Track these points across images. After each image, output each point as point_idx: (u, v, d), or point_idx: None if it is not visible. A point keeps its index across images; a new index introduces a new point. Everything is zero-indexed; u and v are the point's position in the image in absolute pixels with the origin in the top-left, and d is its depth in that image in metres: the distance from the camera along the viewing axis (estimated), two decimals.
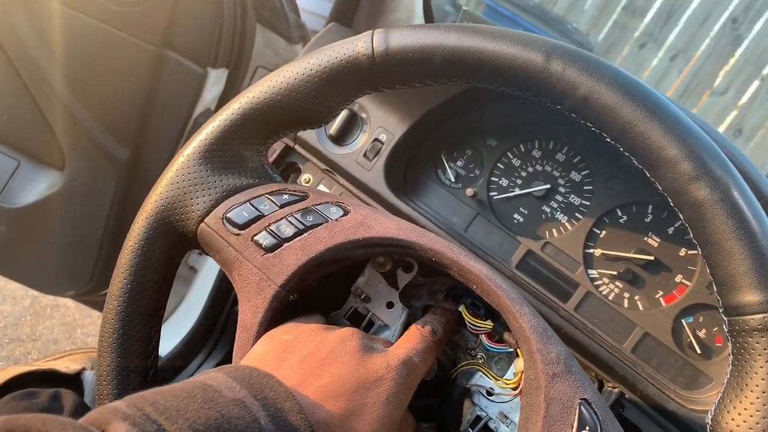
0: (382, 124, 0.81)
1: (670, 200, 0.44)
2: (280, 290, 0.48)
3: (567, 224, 0.81)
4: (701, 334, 0.74)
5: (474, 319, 0.53)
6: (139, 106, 1.13)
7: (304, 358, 0.44)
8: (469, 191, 0.83)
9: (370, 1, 0.92)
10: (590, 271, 0.79)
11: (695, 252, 0.75)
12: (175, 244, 0.53)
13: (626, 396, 0.71)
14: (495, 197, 0.84)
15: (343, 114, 0.81)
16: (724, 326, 0.42)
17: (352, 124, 0.82)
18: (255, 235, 0.50)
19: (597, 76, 0.45)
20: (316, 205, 0.51)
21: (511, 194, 0.83)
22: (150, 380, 0.53)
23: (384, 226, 0.50)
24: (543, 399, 0.44)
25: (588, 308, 0.79)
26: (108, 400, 0.50)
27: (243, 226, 0.50)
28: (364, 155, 0.81)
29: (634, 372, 0.71)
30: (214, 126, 0.52)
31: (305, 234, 0.49)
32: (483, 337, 0.54)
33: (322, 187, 0.84)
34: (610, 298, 0.78)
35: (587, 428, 0.43)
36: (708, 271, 0.43)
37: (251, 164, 0.54)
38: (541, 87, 0.46)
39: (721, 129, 4.11)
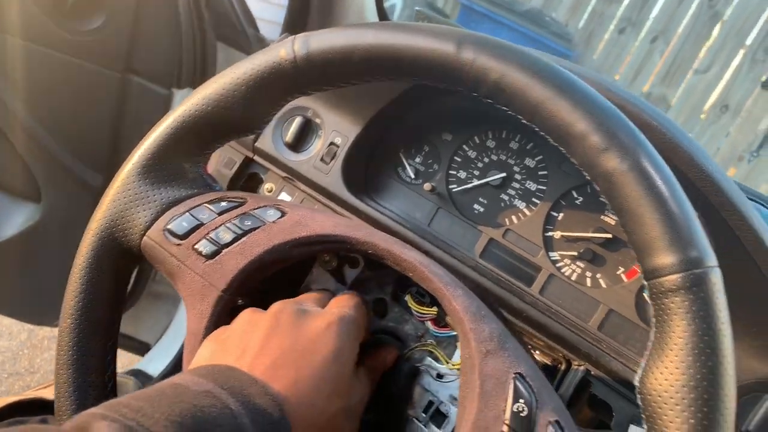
0: (336, 128, 0.82)
1: (585, 174, 0.46)
2: (223, 295, 0.50)
3: (525, 210, 0.82)
4: None
5: (419, 306, 0.55)
6: (109, 131, 1.15)
7: (246, 346, 0.46)
8: (427, 186, 0.84)
9: (320, 10, 0.93)
10: (551, 254, 0.81)
11: None
12: (122, 259, 0.54)
13: (592, 373, 0.72)
14: (454, 190, 0.86)
15: (297, 121, 0.83)
16: (645, 291, 0.44)
17: (307, 131, 0.84)
18: (195, 243, 0.51)
19: (506, 60, 0.46)
20: (254, 209, 0.53)
21: (470, 185, 0.85)
22: (108, 394, 0.54)
23: (320, 223, 0.52)
24: (478, 376, 0.45)
25: (552, 290, 0.80)
26: (67, 415, 0.51)
27: (183, 236, 0.51)
28: (321, 159, 0.82)
29: (598, 349, 0.72)
30: (149, 142, 0.54)
31: (244, 238, 0.51)
32: (429, 324, 0.55)
33: (284, 195, 0.86)
34: (572, 278, 0.79)
35: (521, 401, 0.44)
36: (627, 239, 0.45)
37: (190, 175, 0.55)
38: (457, 76, 0.48)
39: (707, 106, 4.11)
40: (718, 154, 4.10)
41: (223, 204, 0.53)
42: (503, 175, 0.83)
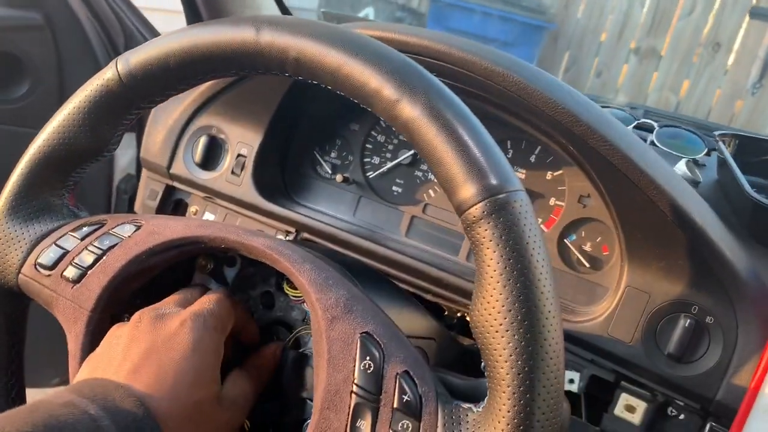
0: (240, 140, 0.84)
1: (394, 128, 0.46)
2: (92, 315, 0.52)
3: None
4: (587, 247, 0.75)
5: (293, 291, 0.56)
6: None
7: (111, 358, 0.48)
8: (339, 177, 0.85)
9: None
10: None
11: (561, 171, 0.76)
12: (7, 300, 0.56)
13: None
14: (371, 176, 0.87)
15: (202, 140, 0.85)
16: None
17: (214, 148, 0.86)
18: (63, 271, 0.53)
19: (300, 35, 0.47)
20: (113, 228, 0.55)
21: (384, 168, 0.86)
22: None
23: (172, 229, 0.53)
24: (325, 342, 0.45)
25: None
26: None
27: (52, 267, 0.53)
28: (232, 173, 0.84)
29: None
30: (10, 184, 0.56)
31: (104, 257, 0.53)
32: (305, 305, 0.56)
33: (208, 215, 0.88)
34: None
35: (368, 358, 0.44)
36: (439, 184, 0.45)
37: (56, 208, 0.58)
38: (262, 61, 0.49)
39: (700, 48, 4.02)
40: (721, 93, 4.00)
41: (85, 229, 0.55)
42: (412, 152, 0.84)
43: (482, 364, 0.43)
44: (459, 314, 0.81)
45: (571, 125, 0.60)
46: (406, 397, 0.43)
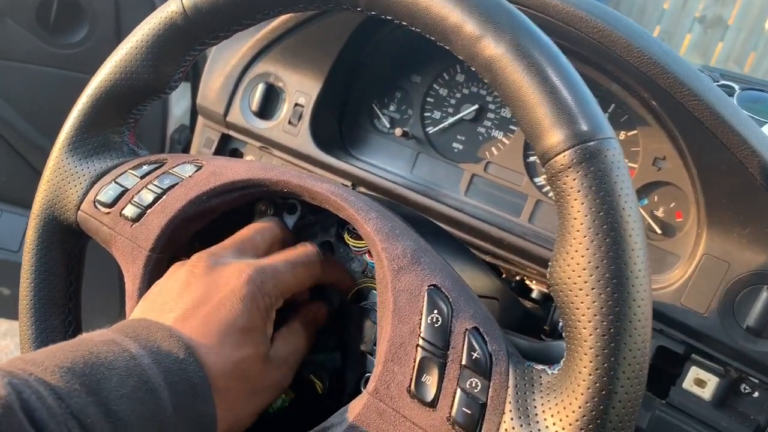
0: (298, 89, 0.82)
1: (473, 69, 0.43)
2: (151, 254, 0.51)
3: (504, 139, 0.79)
4: (659, 213, 0.71)
5: (355, 241, 0.54)
6: None
7: (164, 300, 0.47)
8: (398, 131, 0.82)
9: None
10: (536, 180, 0.77)
11: (635, 131, 0.72)
12: (66, 237, 0.56)
13: None
14: (431, 131, 0.83)
15: (260, 88, 0.83)
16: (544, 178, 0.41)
17: (271, 96, 0.83)
18: (123, 209, 0.52)
19: None
20: (173, 167, 0.53)
21: (445, 124, 0.82)
22: None
23: (234, 171, 0.51)
24: (391, 293, 0.43)
25: (541, 217, 0.77)
26: None
27: (111, 204, 0.53)
28: (289, 122, 0.82)
29: None
30: (71, 119, 0.55)
31: (164, 196, 0.51)
32: (366, 257, 0.54)
33: None
34: None
35: (435, 311, 0.42)
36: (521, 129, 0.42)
37: (115, 145, 0.56)
38: None
39: None
40: None
41: (145, 167, 0.54)
42: (476, 107, 0.80)
43: (560, 324, 0.40)
44: (518, 277, 0.78)
45: (657, 76, 0.55)
46: (475, 354, 0.41)
